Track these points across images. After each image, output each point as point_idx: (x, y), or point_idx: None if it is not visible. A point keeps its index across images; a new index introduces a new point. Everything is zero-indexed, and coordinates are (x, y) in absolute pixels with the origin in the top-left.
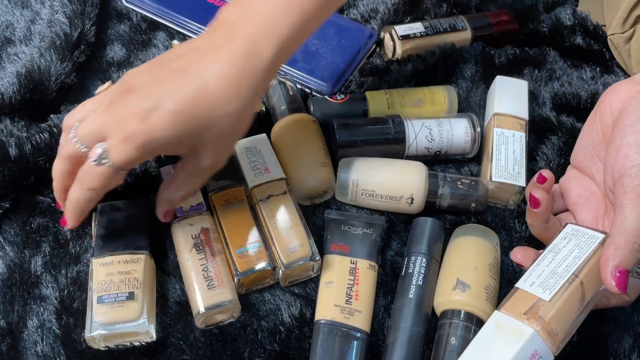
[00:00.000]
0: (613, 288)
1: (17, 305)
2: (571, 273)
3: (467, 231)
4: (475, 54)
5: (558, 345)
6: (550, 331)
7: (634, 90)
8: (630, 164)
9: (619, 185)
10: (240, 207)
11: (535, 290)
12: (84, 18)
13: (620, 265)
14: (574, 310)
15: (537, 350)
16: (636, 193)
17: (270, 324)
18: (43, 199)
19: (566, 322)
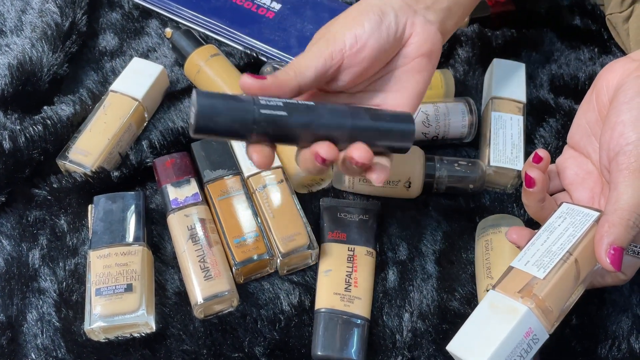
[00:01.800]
0: (608, 266)
1: (16, 298)
2: (565, 251)
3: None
4: (472, 37)
5: (553, 323)
6: (544, 309)
7: (631, 67)
8: (625, 141)
9: (614, 162)
10: (237, 196)
11: (529, 268)
12: (75, 7)
13: (614, 242)
14: (568, 288)
15: (532, 327)
16: (631, 170)
17: (270, 312)
18: (39, 192)
19: (561, 300)
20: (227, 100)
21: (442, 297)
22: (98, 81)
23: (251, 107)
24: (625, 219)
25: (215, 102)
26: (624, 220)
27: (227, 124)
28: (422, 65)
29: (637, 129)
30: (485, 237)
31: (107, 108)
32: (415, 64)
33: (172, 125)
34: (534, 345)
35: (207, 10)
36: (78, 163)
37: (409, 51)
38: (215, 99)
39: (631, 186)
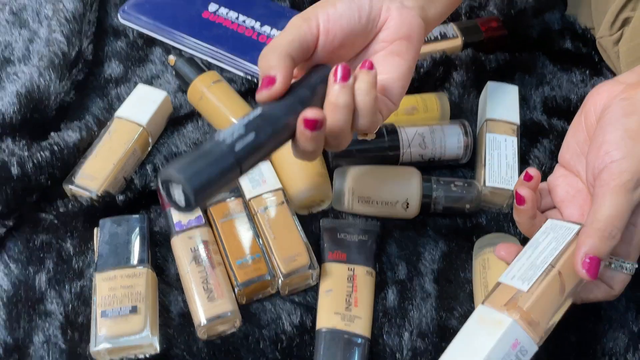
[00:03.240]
0: (584, 275)
1: (22, 321)
2: (548, 264)
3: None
4: (466, 61)
5: (541, 335)
6: (530, 321)
7: (617, 90)
8: (609, 159)
9: (598, 179)
10: (239, 218)
11: (514, 282)
12: (82, 36)
13: (590, 252)
14: (553, 300)
15: (518, 339)
16: (612, 186)
17: (272, 332)
18: (46, 216)
19: (546, 312)
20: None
21: (441, 315)
22: (103, 108)
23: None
24: (601, 229)
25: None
26: (599, 231)
27: (217, 184)
28: (401, 49)
29: (620, 148)
30: (482, 256)
31: (112, 134)
32: (393, 47)
33: (175, 149)
34: (522, 357)
35: (209, 38)
36: (84, 187)
37: (386, 35)
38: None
39: (610, 200)
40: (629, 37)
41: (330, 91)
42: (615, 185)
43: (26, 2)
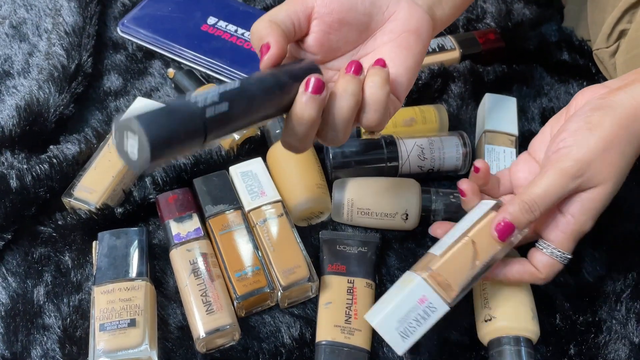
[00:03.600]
0: (495, 236)
1: (20, 335)
2: (461, 233)
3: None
4: (464, 72)
5: (453, 296)
6: (440, 281)
7: (600, 91)
8: (563, 144)
9: (546, 160)
10: (238, 230)
11: (434, 250)
12: (81, 50)
13: (506, 217)
14: (465, 264)
15: (426, 295)
16: (554, 167)
17: (271, 345)
18: (44, 229)
19: (457, 274)
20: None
21: (441, 328)
22: (103, 120)
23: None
24: (525, 202)
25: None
26: (522, 203)
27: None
28: (409, 42)
29: (574, 136)
30: None
31: (111, 146)
32: (401, 39)
33: (174, 162)
34: (431, 313)
35: (208, 50)
36: (83, 200)
37: (394, 26)
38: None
39: (546, 179)
40: (625, 49)
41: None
42: (557, 167)
43: (26, 16)
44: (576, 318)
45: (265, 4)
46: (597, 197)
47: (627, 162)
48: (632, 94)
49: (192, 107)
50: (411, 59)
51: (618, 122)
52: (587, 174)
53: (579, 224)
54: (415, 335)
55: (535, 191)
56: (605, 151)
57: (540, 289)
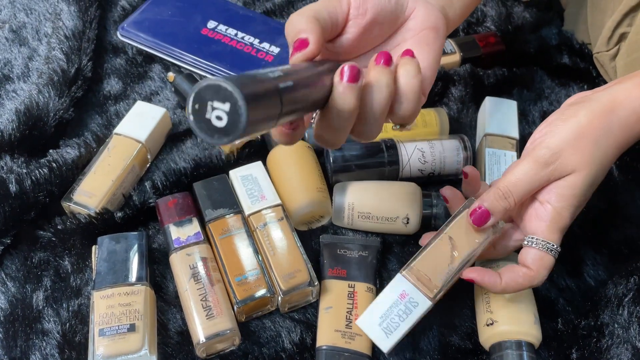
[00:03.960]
0: (470, 222)
1: (19, 340)
2: (440, 230)
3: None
4: (464, 76)
5: (434, 290)
6: (420, 276)
7: (589, 93)
8: (539, 135)
9: (525, 149)
10: (238, 235)
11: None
12: (81, 54)
13: (482, 205)
14: (444, 260)
15: (405, 290)
16: (531, 157)
17: (272, 350)
18: (43, 234)
19: (437, 269)
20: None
21: (442, 332)
22: (102, 124)
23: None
24: (499, 188)
25: (251, 87)
26: (497, 190)
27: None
28: (429, 39)
29: (550, 127)
30: None
31: (111, 150)
32: (422, 36)
33: (174, 166)
34: (413, 308)
35: (208, 54)
36: (82, 204)
37: (414, 24)
38: (248, 83)
39: (520, 167)
40: (625, 52)
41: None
42: (530, 155)
43: (26, 20)
44: (578, 322)
45: (265, 7)
46: (572, 185)
47: (603, 153)
48: (610, 91)
49: (267, 77)
50: (432, 55)
51: (592, 113)
52: (559, 161)
53: (557, 212)
54: (399, 331)
55: (509, 178)
56: (577, 139)
57: (542, 293)
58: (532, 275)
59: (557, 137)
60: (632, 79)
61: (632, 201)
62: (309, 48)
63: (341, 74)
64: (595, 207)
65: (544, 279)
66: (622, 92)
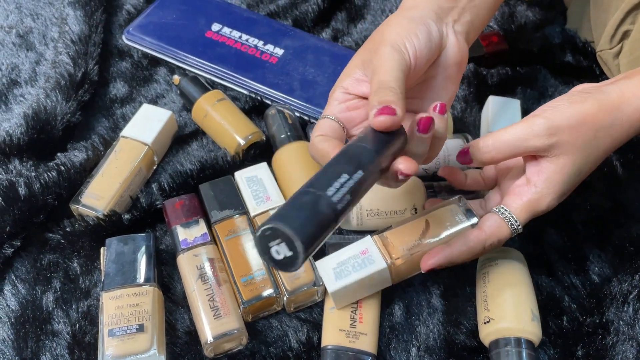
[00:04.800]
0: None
1: (30, 341)
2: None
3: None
4: (467, 75)
5: (393, 258)
6: (386, 243)
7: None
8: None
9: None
10: (244, 235)
11: None
12: (87, 58)
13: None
14: (413, 237)
15: (368, 249)
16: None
17: (279, 350)
18: (53, 236)
19: (404, 242)
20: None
21: (448, 330)
22: (109, 127)
23: (329, 210)
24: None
25: (303, 223)
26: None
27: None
28: (454, 74)
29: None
30: (483, 270)
31: (118, 153)
32: (450, 72)
33: (180, 168)
34: (368, 264)
35: (213, 57)
36: (91, 207)
37: (445, 60)
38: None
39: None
40: (628, 50)
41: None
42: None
43: (32, 25)
44: (583, 320)
45: (269, 9)
46: (561, 169)
47: (599, 145)
48: (619, 86)
49: (325, 203)
50: (453, 91)
51: (600, 105)
52: (556, 139)
53: (538, 194)
54: (348, 279)
55: (499, 133)
56: (579, 124)
57: (547, 291)
58: (482, 237)
59: (560, 114)
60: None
61: (636, 199)
62: (395, 116)
63: (418, 124)
64: (599, 205)
65: (493, 246)
66: (630, 88)
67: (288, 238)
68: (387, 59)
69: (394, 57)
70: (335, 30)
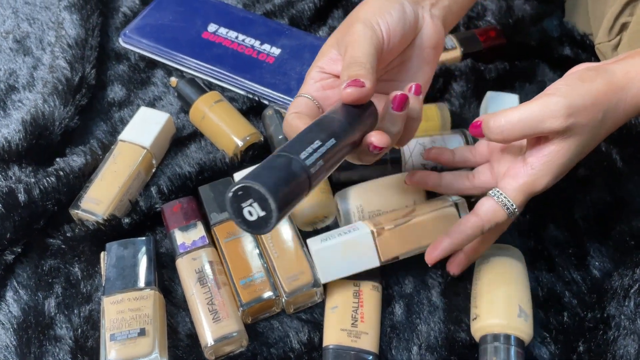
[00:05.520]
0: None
1: (33, 347)
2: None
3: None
4: (465, 71)
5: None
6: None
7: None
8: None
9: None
10: (243, 237)
11: None
12: (84, 62)
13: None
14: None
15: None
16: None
17: (280, 351)
18: (53, 241)
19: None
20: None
21: (449, 328)
22: (107, 131)
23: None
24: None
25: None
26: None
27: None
28: (431, 57)
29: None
30: (477, 267)
31: (116, 157)
32: (426, 54)
33: (179, 170)
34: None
35: (209, 58)
36: (90, 212)
37: (421, 42)
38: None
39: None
40: (627, 42)
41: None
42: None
43: (29, 30)
44: (584, 315)
45: (265, 9)
46: (565, 152)
47: (604, 127)
48: (624, 65)
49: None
50: (430, 73)
51: (609, 84)
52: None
53: (535, 176)
54: (332, 242)
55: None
56: (592, 104)
57: (547, 287)
58: (479, 223)
59: (576, 93)
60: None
61: (636, 192)
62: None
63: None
64: (599, 199)
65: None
66: (634, 67)
67: (262, 196)
68: (359, 35)
69: (366, 34)
70: (332, 28)
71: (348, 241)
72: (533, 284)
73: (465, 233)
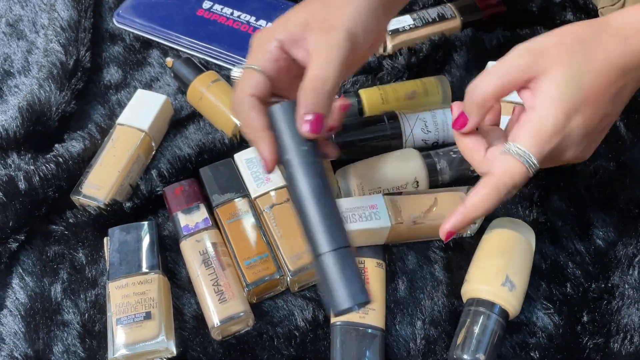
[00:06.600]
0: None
1: (41, 332)
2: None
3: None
4: (466, 41)
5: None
6: (395, 205)
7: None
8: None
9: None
10: (245, 218)
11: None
12: (78, 44)
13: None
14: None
15: (377, 205)
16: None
17: (285, 329)
18: (56, 228)
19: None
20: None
21: (452, 302)
22: (105, 114)
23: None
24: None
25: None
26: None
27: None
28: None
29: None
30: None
31: (115, 141)
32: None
33: (179, 152)
34: (373, 217)
35: (205, 36)
36: (91, 197)
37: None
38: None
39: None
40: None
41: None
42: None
43: (22, 13)
44: (588, 285)
45: None
46: (556, 82)
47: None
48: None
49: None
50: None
51: (582, 23)
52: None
53: (539, 115)
54: (352, 226)
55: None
56: (560, 38)
57: (550, 258)
58: (493, 181)
59: (538, 38)
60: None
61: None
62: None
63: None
64: (602, 167)
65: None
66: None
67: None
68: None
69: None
70: None
71: (367, 230)
72: (536, 256)
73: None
